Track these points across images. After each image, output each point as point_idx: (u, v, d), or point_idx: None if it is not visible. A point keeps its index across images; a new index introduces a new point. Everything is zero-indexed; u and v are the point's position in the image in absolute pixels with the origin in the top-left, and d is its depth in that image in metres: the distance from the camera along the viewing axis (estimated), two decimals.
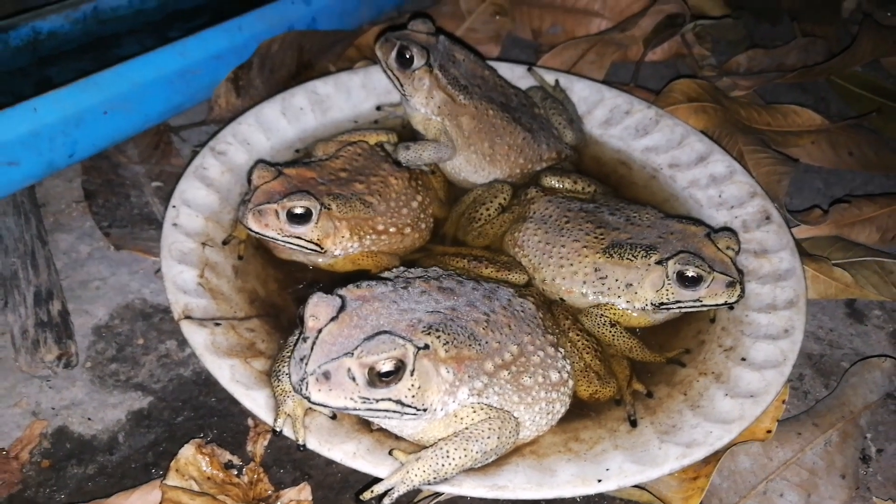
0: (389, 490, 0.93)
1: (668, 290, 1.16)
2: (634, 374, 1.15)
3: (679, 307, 1.17)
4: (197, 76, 1.52)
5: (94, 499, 1.00)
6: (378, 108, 1.56)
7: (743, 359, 1.15)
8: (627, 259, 1.18)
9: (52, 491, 1.02)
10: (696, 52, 1.89)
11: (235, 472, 1.04)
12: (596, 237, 1.22)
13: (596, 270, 1.20)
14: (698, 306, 1.16)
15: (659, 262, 1.16)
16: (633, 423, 1.08)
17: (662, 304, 1.17)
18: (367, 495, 0.94)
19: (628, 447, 1.01)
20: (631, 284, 1.18)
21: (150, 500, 0.96)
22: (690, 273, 1.13)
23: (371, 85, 1.57)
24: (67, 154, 1.38)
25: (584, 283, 1.20)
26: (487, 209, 1.34)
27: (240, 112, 1.48)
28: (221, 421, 1.11)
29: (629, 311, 1.20)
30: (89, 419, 1.11)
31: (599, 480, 0.95)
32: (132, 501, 0.98)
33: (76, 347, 1.16)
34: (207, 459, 1.02)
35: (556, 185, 1.38)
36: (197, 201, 1.28)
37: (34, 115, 1.29)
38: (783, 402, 1.13)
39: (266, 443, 1.08)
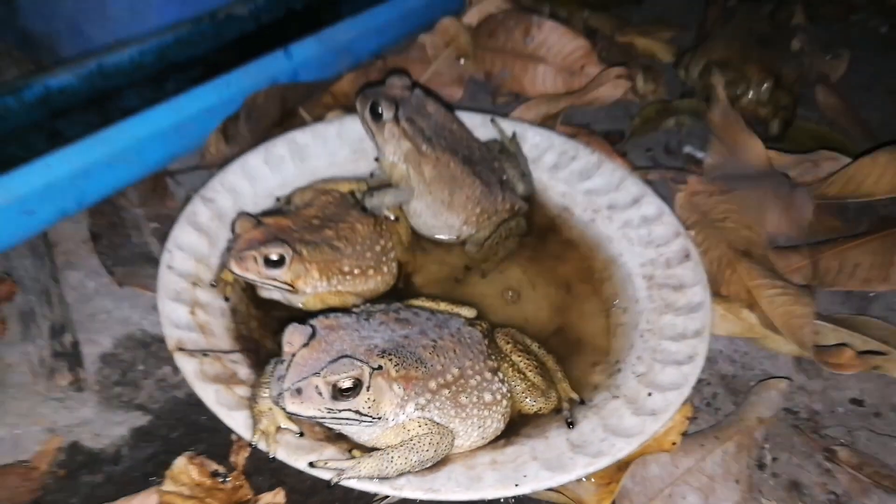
0: (340, 470, 1.13)
1: None
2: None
3: None
4: (190, 128, 1.70)
5: (102, 503, 1.19)
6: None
7: (651, 383, 1.33)
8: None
9: (67, 496, 1.21)
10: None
11: (221, 480, 1.23)
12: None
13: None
14: None
15: None
16: (571, 425, 1.25)
17: None
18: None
19: (544, 458, 1.20)
20: None
21: (149, 503, 1.16)
22: None
23: (346, 134, 1.72)
24: (76, 202, 1.56)
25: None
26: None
27: (228, 158, 1.65)
28: (210, 436, 1.30)
29: None
30: (97, 435, 1.29)
31: (517, 485, 1.15)
32: None
33: (85, 373, 1.36)
34: (197, 469, 1.22)
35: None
36: (189, 245, 1.45)
37: (48, 170, 1.48)
38: (687, 418, 1.32)
39: (247, 454, 1.26)
